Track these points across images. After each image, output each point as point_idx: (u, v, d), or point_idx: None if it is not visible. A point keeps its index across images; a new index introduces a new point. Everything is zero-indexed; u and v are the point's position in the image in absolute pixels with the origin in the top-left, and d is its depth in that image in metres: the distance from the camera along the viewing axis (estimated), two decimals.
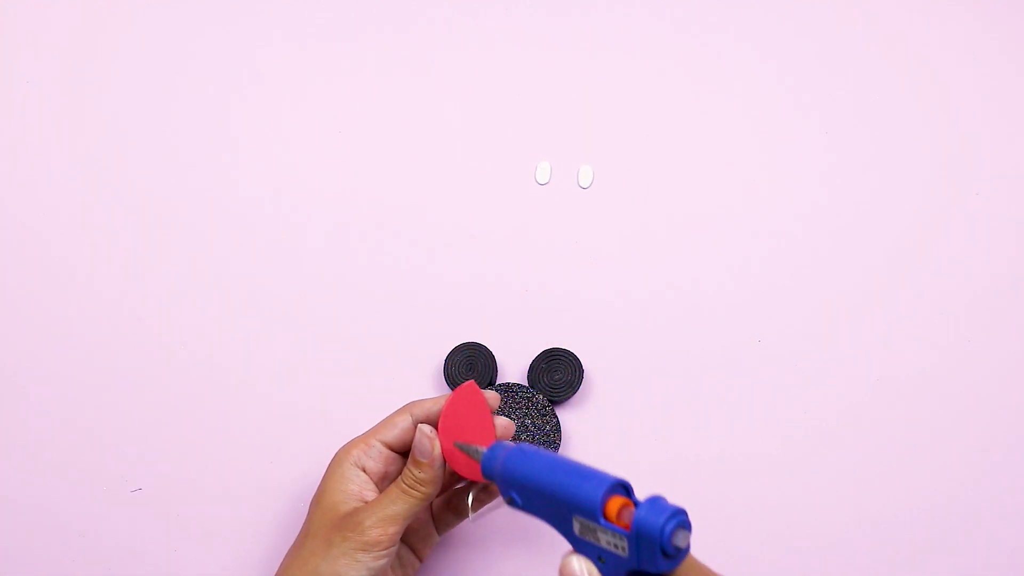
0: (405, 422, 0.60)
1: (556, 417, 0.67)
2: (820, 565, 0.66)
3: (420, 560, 0.63)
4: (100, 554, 0.67)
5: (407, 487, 0.59)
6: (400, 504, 0.58)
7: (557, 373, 0.68)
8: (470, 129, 0.76)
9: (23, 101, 0.76)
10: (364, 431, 0.61)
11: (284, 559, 0.59)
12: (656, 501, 0.51)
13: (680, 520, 0.50)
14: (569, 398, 0.69)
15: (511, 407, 0.67)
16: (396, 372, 0.70)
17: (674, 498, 0.66)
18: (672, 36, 0.77)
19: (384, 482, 0.60)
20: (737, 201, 0.74)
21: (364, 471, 0.60)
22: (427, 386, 0.70)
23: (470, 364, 0.69)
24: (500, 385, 0.68)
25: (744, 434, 0.69)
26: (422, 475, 0.59)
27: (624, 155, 0.75)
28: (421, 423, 0.60)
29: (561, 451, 0.68)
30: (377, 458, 0.60)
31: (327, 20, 0.78)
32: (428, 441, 0.59)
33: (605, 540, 0.51)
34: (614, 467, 0.67)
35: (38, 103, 0.76)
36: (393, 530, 0.58)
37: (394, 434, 0.60)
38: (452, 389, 0.68)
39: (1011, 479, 0.68)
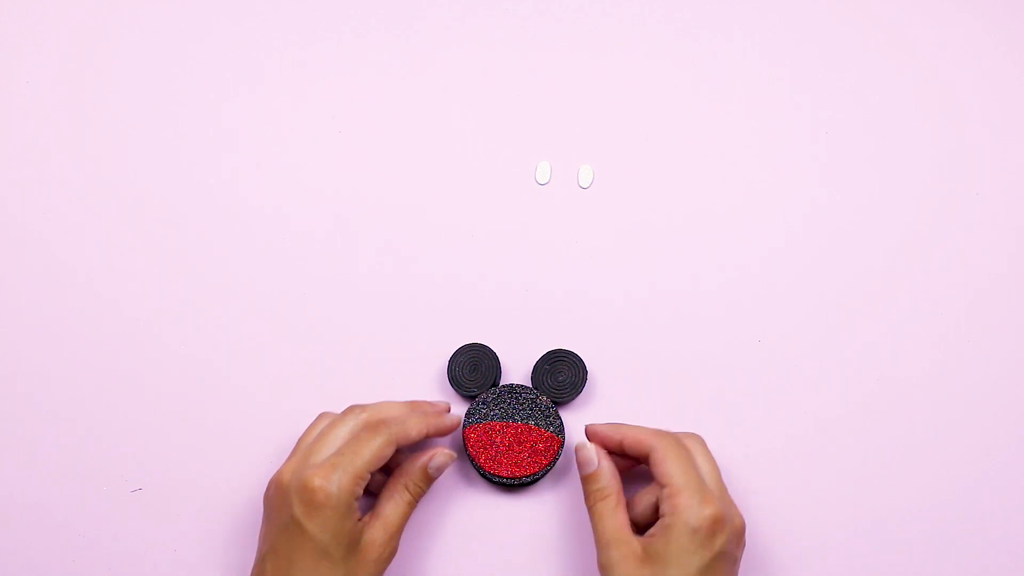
0: (389, 449, 0.61)
1: (560, 418, 0.67)
2: (821, 565, 0.66)
3: None
4: (100, 554, 0.67)
5: (412, 496, 0.63)
6: (403, 508, 0.63)
7: (560, 374, 0.68)
8: (470, 129, 0.76)
9: (23, 101, 0.76)
10: (328, 455, 0.61)
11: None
12: None
13: None
14: (573, 399, 0.69)
15: (515, 408, 0.67)
16: (399, 374, 0.70)
17: None
18: (672, 36, 0.78)
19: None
20: (737, 201, 0.74)
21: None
22: (431, 388, 0.70)
23: (474, 365, 0.69)
24: (504, 386, 0.68)
25: (745, 433, 0.69)
26: (425, 485, 0.64)
27: (624, 155, 0.75)
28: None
29: (565, 451, 0.68)
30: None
31: (327, 20, 0.78)
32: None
33: None
34: None
35: (38, 103, 0.76)
36: (397, 537, 0.63)
37: (380, 462, 0.61)
38: (455, 390, 0.68)
39: (1012, 479, 0.68)
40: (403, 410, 0.65)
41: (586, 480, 0.63)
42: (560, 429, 0.67)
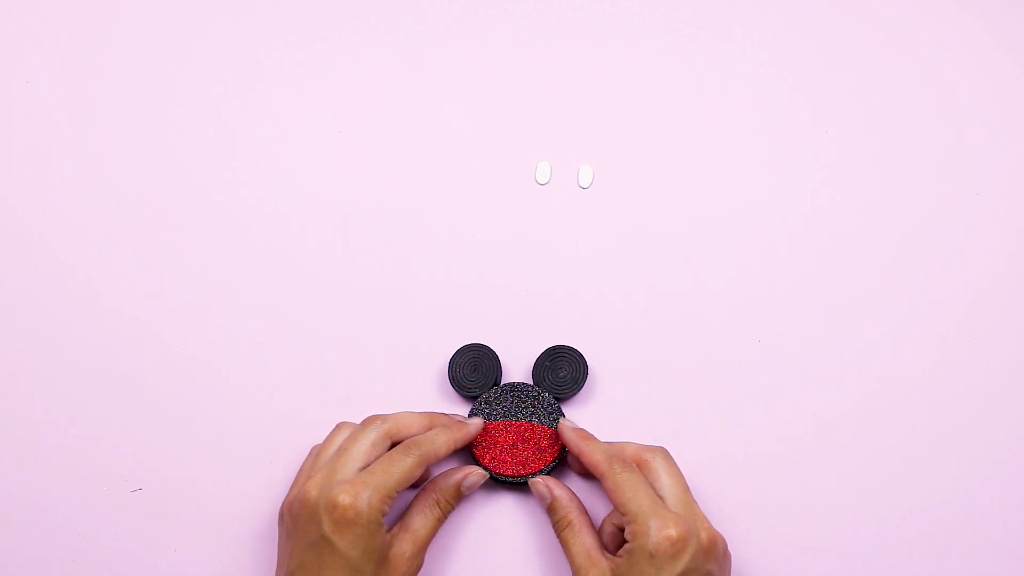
0: (419, 470, 0.62)
1: (563, 414, 0.67)
2: (821, 565, 0.66)
3: None
4: (100, 554, 0.67)
5: (442, 512, 0.64)
6: (432, 523, 0.63)
7: (561, 371, 0.68)
8: (470, 129, 0.76)
9: (23, 101, 0.76)
10: (356, 471, 0.61)
11: None
12: None
13: None
14: (574, 395, 0.69)
15: (517, 406, 0.67)
16: (399, 375, 0.70)
17: None
18: (672, 36, 0.78)
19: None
20: (737, 201, 0.74)
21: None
22: (431, 389, 0.70)
23: (475, 365, 0.69)
24: (505, 385, 0.68)
25: (745, 433, 0.69)
26: (455, 502, 0.65)
27: (624, 155, 0.75)
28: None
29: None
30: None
31: (327, 20, 0.78)
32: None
33: None
34: None
35: (38, 103, 0.76)
36: (424, 551, 0.63)
37: (410, 483, 0.62)
38: (456, 391, 0.68)
39: (1012, 479, 0.68)
40: (424, 423, 0.65)
41: (547, 511, 0.65)
42: None
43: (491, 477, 0.66)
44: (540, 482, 0.65)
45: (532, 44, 0.78)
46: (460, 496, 0.65)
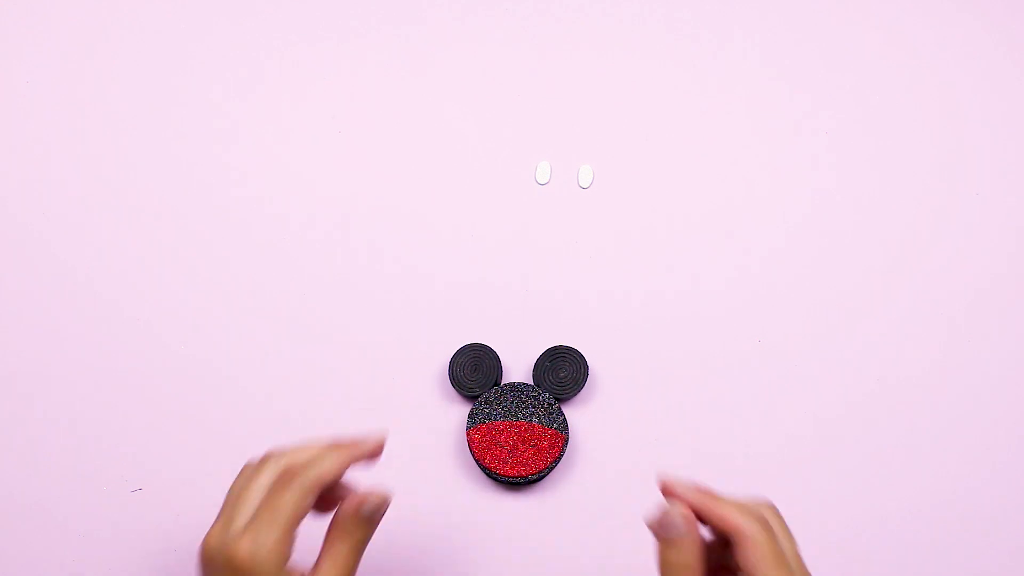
0: (309, 497, 0.55)
1: (563, 415, 0.67)
2: (821, 565, 0.66)
3: None
4: (100, 554, 0.67)
5: (353, 542, 0.56)
6: (342, 560, 0.56)
7: (562, 371, 0.68)
8: (470, 129, 0.76)
9: (23, 101, 0.76)
10: (248, 518, 0.55)
11: None
12: None
13: None
14: (575, 395, 0.69)
15: (518, 407, 0.67)
16: (399, 374, 0.70)
17: None
18: (672, 36, 0.78)
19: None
20: (737, 201, 0.74)
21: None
22: (431, 388, 0.70)
23: (475, 365, 0.69)
24: (506, 385, 0.68)
25: (745, 433, 0.69)
26: (362, 531, 0.56)
27: (624, 155, 0.75)
28: None
29: (569, 447, 0.68)
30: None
31: (327, 20, 0.78)
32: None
33: None
34: (619, 462, 0.68)
35: (38, 103, 0.76)
36: None
37: (304, 513, 0.56)
38: (456, 390, 0.68)
39: (1012, 479, 0.68)
40: (320, 450, 0.57)
41: (665, 544, 0.54)
42: (564, 425, 0.67)
43: (491, 477, 0.66)
44: (679, 510, 0.54)
45: (532, 44, 0.78)
46: (369, 523, 0.57)
